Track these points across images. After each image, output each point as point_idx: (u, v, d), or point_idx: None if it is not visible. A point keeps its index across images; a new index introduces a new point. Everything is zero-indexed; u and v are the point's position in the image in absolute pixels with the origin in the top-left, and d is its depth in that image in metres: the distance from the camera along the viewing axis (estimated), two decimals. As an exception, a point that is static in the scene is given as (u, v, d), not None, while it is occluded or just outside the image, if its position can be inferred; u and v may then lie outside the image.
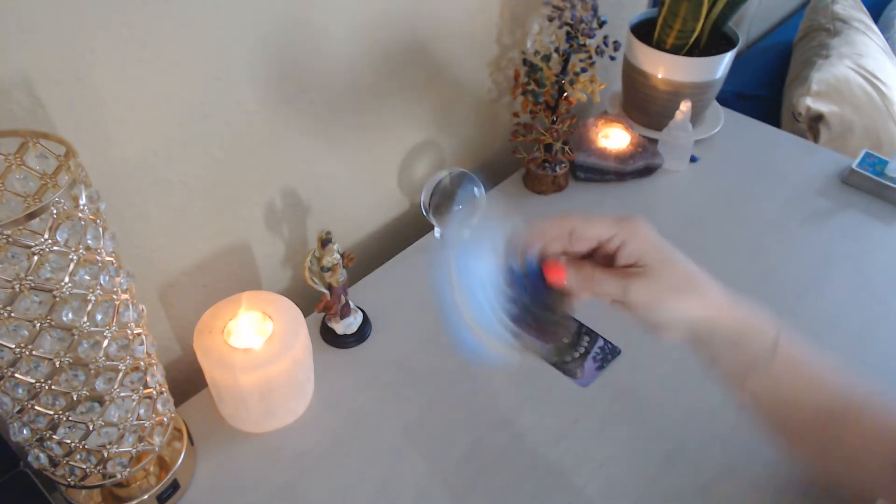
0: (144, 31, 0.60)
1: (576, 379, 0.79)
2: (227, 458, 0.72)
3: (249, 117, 0.73)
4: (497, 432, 0.74)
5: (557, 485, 0.70)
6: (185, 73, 0.65)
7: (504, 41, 0.99)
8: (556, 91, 0.97)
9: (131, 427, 0.58)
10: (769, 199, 1.04)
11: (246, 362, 0.67)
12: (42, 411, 0.53)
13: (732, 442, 0.73)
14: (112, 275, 0.52)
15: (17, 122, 0.56)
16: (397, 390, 0.78)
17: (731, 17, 1.04)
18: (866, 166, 1.04)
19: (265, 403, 0.71)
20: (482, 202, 0.91)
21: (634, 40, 1.05)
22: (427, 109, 0.95)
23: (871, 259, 0.94)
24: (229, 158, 0.74)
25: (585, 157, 1.04)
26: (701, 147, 1.13)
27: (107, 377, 0.54)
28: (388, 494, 0.69)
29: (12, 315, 0.47)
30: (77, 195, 0.48)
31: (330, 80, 0.79)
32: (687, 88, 1.04)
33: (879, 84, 1.37)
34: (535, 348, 0.55)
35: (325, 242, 0.75)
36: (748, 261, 0.94)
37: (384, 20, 0.80)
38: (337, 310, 0.81)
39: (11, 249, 0.45)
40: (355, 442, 0.73)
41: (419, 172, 1.01)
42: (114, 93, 0.61)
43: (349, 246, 0.97)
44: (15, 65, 0.54)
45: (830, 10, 1.51)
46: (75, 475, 0.58)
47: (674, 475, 0.71)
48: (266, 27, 0.69)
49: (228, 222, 0.79)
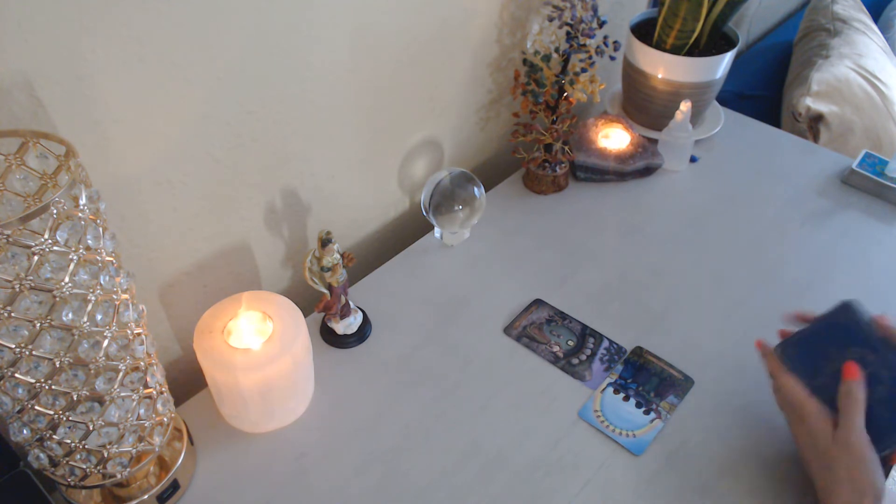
0: (145, 31, 0.60)
1: (584, 381, 0.79)
2: (227, 458, 0.72)
3: (250, 117, 0.73)
4: (497, 432, 0.74)
5: (557, 485, 0.70)
6: (186, 72, 0.65)
7: (504, 41, 0.99)
8: (556, 91, 0.97)
9: (131, 427, 0.58)
10: (769, 199, 1.04)
11: (246, 362, 0.67)
12: (42, 411, 0.53)
13: (732, 442, 0.73)
14: (112, 275, 0.52)
15: (17, 122, 0.56)
16: (397, 390, 0.78)
17: (731, 17, 1.04)
18: (866, 166, 1.04)
19: (265, 403, 0.71)
20: (482, 202, 0.91)
21: (634, 40, 1.05)
22: (427, 109, 0.95)
23: (871, 259, 0.94)
24: (229, 158, 0.74)
25: (585, 157, 1.04)
26: (701, 147, 1.13)
27: (107, 377, 0.54)
28: (388, 494, 0.69)
29: (12, 315, 0.47)
30: (77, 195, 0.48)
31: (330, 81, 0.79)
32: (687, 88, 1.04)
33: (879, 84, 1.37)
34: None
35: (325, 242, 0.75)
36: (748, 261, 0.94)
37: (384, 21, 0.80)
38: (337, 310, 0.81)
39: (11, 249, 0.45)
40: (355, 442, 0.73)
41: (419, 172, 1.01)
42: (114, 93, 0.61)
43: (349, 246, 0.97)
44: (15, 65, 0.54)
45: (830, 10, 1.51)
46: (75, 475, 0.58)
47: (674, 475, 0.71)
48: (266, 27, 0.69)
49: (228, 222, 0.79)
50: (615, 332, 0.84)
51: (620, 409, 0.76)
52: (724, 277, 0.92)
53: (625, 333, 0.84)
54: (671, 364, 0.80)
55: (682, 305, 0.88)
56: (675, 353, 0.82)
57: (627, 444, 0.73)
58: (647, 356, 0.81)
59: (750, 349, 0.75)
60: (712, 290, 0.90)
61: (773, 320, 0.75)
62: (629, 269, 0.92)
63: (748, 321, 0.85)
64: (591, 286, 0.90)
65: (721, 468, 0.71)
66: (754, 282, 0.91)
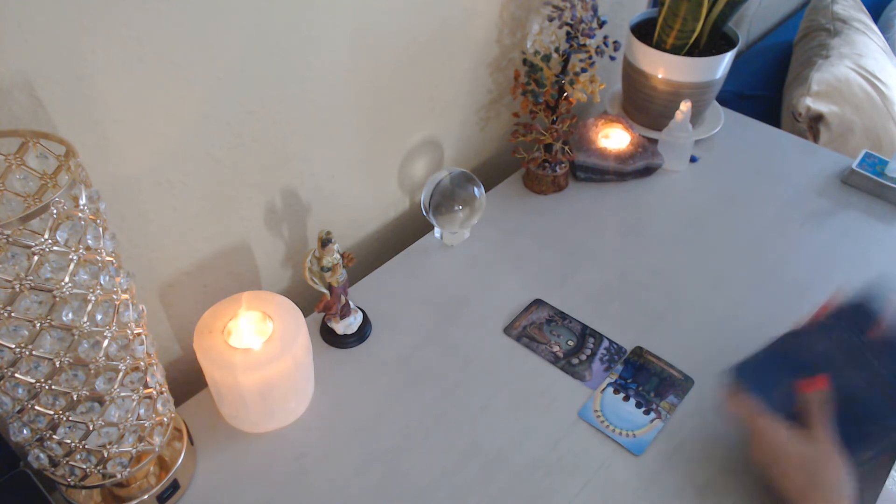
0: (145, 31, 0.60)
1: (584, 381, 0.79)
2: (227, 458, 0.72)
3: (250, 117, 0.73)
4: (497, 432, 0.74)
5: (557, 485, 0.70)
6: (186, 72, 0.65)
7: (504, 41, 0.99)
8: (556, 91, 0.97)
9: (131, 427, 0.58)
10: (769, 199, 1.04)
11: (246, 362, 0.67)
12: (42, 411, 0.53)
13: (732, 442, 0.73)
14: (112, 275, 0.52)
15: (17, 122, 0.56)
16: (397, 390, 0.78)
17: (731, 17, 1.04)
18: (866, 166, 1.04)
19: (265, 403, 0.71)
20: (482, 202, 0.91)
21: (634, 40, 1.05)
22: (427, 109, 0.95)
23: (871, 259, 0.94)
24: (229, 158, 0.74)
25: (585, 157, 1.04)
26: (701, 147, 1.13)
27: (107, 377, 0.54)
28: (388, 494, 0.69)
29: (12, 315, 0.47)
30: (77, 195, 0.48)
31: (330, 81, 0.79)
32: (687, 88, 1.04)
33: (879, 84, 1.37)
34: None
35: (325, 242, 0.75)
36: (748, 261, 0.94)
37: (384, 21, 0.80)
38: (337, 310, 0.81)
39: (11, 249, 0.45)
40: (355, 442, 0.73)
41: (419, 172, 1.01)
42: (114, 93, 0.61)
43: (349, 246, 0.97)
44: (15, 65, 0.54)
45: (830, 10, 1.51)
46: (75, 475, 0.58)
47: (674, 475, 0.71)
48: (266, 27, 0.69)
49: (228, 222, 0.79)
50: (615, 332, 0.84)
51: (620, 409, 0.76)
52: (724, 277, 0.92)
53: (625, 333, 0.84)
54: (671, 364, 0.80)
55: (682, 305, 0.88)
56: (675, 353, 0.82)
57: (627, 444, 0.73)
58: (647, 356, 0.81)
59: (750, 349, 0.75)
60: (712, 290, 0.90)
61: (774, 320, 0.75)
62: (629, 269, 0.92)
63: (748, 321, 0.85)
64: (591, 286, 0.90)
65: (721, 468, 0.71)
66: (754, 282, 0.91)
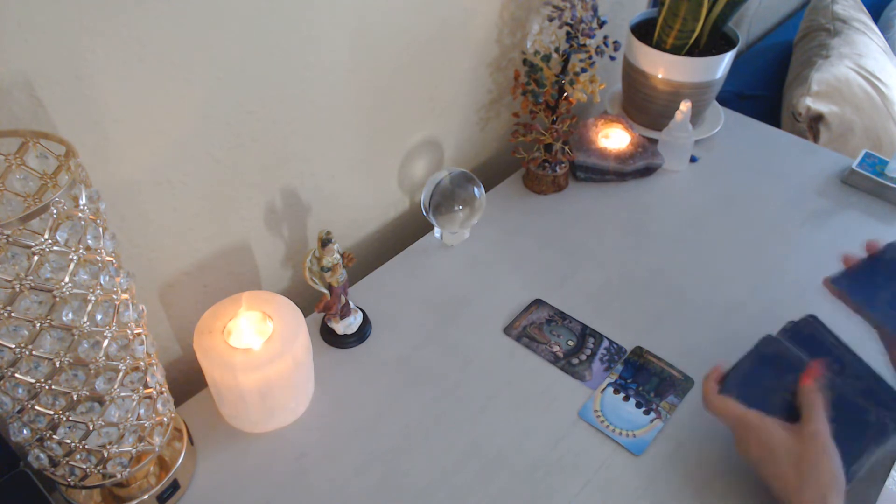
0: (145, 30, 0.60)
1: (584, 381, 0.79)
2: (227, 458, 0.72)
3: (250, 117, 0.73)
4: (497, 432, 0.74)
5: (557, 485, 0.70)
6: (186, 72, 0.65)
7: (504, 41, 0.99)
8: (556, 91, 0.97)
9: (131, 427, 0.58)
10: (769, 199, 1.04)
11: (246, 362, 0.67)
12: (42, 411, 0.53)
13: (732, 442, 0.73)
14: (112, 275, 0.52)
15: (17, 122, 0.56)
16: (397, 390, 0.78)
17: (731, 17, 1.04)
18: (866, 166, 1.04)
19: (265, 403, 0.71)
20: (482, 202, 0.91)
21: (634, 40, 1.05)
22: (427, 109, 0.95)
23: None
24: (229, 158, 0.74)
25: (585, 157, 1.04)
26: (701, 147, 1.13)
27: (107, 377, 0.54)
28: (388, 494, 0.69)
29: (12, 315, 0.47)
30: (77, 195, 0.48)
31: (330, 81, 0.79)
32: (687, 88, 1.04)
33: (879, 84, 1.37)
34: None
35: (325, 242, 0.75)
36: (748, 261, 0.94)
37: (384, 21, 0.80)
38: (337, 310, 0.81)
39: (11, 249, 0.45)
40: (355, 442, 0.73)
41: (419, 172, 1.01)
42: (114, 93, 0.61)
43: (349, 246, 0.97)
44: (15, 65, 0.54)
45: (830, 10, 1.51)
46: (75, 475, 0.58)
47: (674, 475, 0.71)
48: (266, 27, 0.69)
49: (228, 222, 0.79)
50: (615, 332, 0.84)
51: (620, 409, 0.76)
52: (724, 277, 0.92)
53: (625, 333, 0.84)
54: (671, 364, 0.80)
55: (682, 305, 0.88)
56: (675, 353, 0.82)
57: (627, 444, 0.73)
58: (647, 356, 0.81)
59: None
60: (712, 290, 0.90)
61: (774, 320, 0.75)
62: (629, 269, 0.92)
63: (748, 321, 0.85)
64: (591, 286, 0.90)
65: (721, 468, 0.71)
66: (754, 282, 0.91)
